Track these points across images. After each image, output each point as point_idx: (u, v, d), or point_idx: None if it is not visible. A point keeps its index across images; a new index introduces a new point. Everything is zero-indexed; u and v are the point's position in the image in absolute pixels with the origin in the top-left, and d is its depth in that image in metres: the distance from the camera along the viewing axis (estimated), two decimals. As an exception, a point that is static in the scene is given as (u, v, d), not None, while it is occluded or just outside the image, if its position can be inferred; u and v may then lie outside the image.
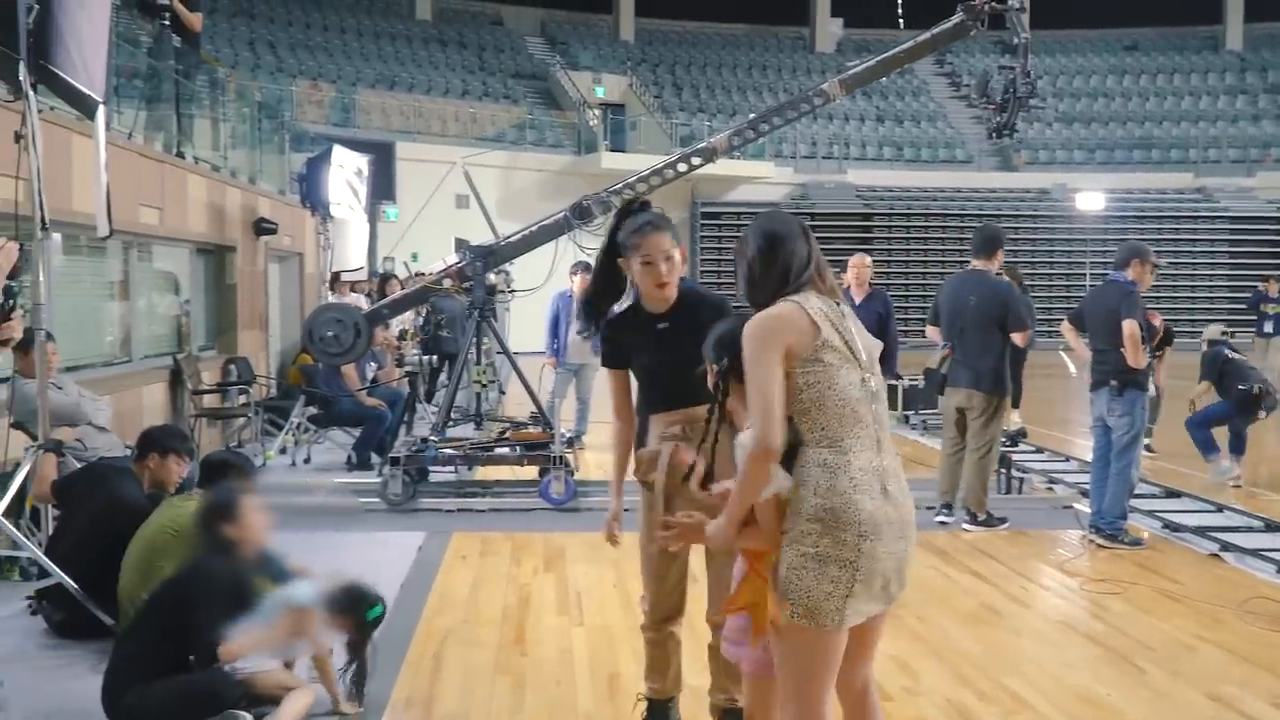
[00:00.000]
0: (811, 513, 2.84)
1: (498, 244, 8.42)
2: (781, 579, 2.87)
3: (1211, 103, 33.34)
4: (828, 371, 2.90)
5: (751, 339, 2.90)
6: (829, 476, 2.85)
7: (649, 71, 32.15)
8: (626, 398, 3.84)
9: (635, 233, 3.64)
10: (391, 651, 5.07)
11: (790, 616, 2.86)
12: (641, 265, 3.62)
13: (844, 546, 2.82)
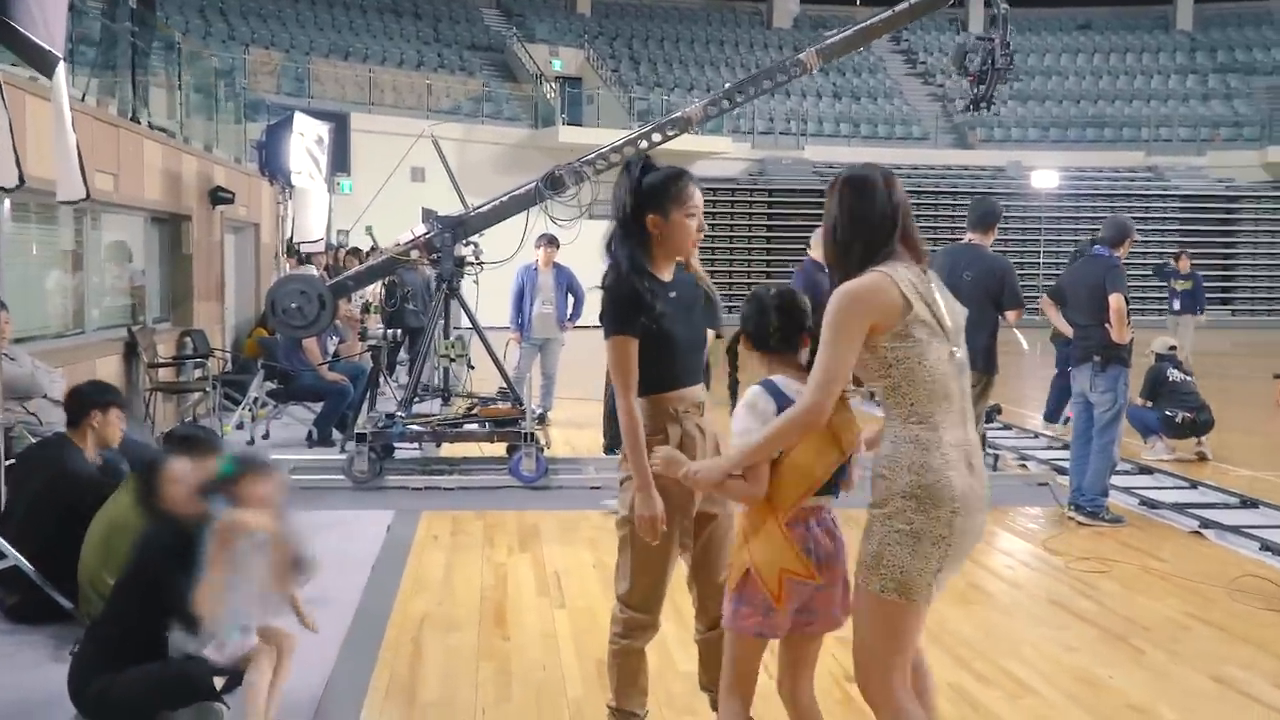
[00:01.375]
0: (906, 489, 2.83)
1: (467, 215, 8.17)
2: (873, 554, 2.87)
3: (1163, 82, 33.60)
4: (918, 347, 2.85)
5: (838, 309, 2.84)
6: (922, 453, 2.84)
7: (606, 45, 31.82)
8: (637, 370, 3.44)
9: (676, 182, 3.40)
10: (368, 637, 4.88)
11: (881, 590, 2.86)
12: (687, 217, 3.40)
13: (938, 523, 2.82)
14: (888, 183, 2.98)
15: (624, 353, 3.36)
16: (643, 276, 3.38)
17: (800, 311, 3.13)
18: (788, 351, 3.12)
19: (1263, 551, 6.41)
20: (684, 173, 3.45)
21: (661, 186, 3.39)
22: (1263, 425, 11.40)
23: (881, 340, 2.85)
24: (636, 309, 3.34)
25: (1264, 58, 33.86)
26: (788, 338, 3.11)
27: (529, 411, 7.99)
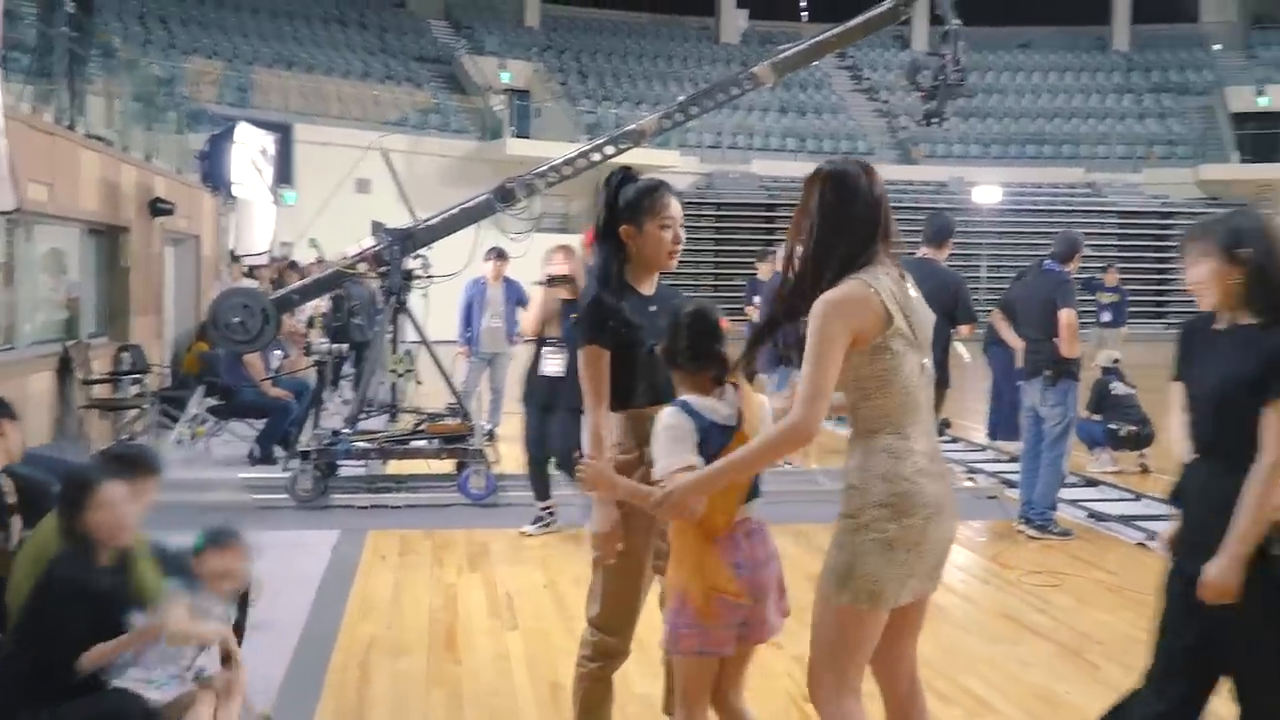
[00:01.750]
0: (881, 499, 2.80)
1: (416, 227, 8.04)
2: (845, 564, 2.82)
3: (1100, 101, 34.13)
4: (895, 359, 2.81)
5: (822, 319, 2.77)
6: (895, 462, 2.81)
7: (555, 58, 31.73)
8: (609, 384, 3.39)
9: (650, 194, 3.35)
10: (313, 662, 4.74)
11: (853, 601, 2.82)
12: (660, 229, 3.35)
13: (912, 530, 2.80)
14: (869, 177, 2.90)
15: (591, 363, 3.33)
16: (617, 288, 3.35)
17: (710, 330, 3.07)
18: (697, 370, 3.06)
19: None
20: (660, 184, 3.39)
21: (635, 198, 3.35)
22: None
23: (861, 350, 2.79)
24: (604, 319, 3.30)
25: (1196, 78, 34.51)
26: (697, 356, 3.05)
27: (478, 428, 7.87)
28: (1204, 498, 3.05)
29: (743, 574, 3.00)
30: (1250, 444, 2.90)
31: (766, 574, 3.06)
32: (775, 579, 3.10)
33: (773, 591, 3.08)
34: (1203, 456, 3.09)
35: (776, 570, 3.11)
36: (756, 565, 3.03)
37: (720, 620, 3.02)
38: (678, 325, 3.09)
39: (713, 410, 3.02)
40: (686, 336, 3.07)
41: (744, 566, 3.00)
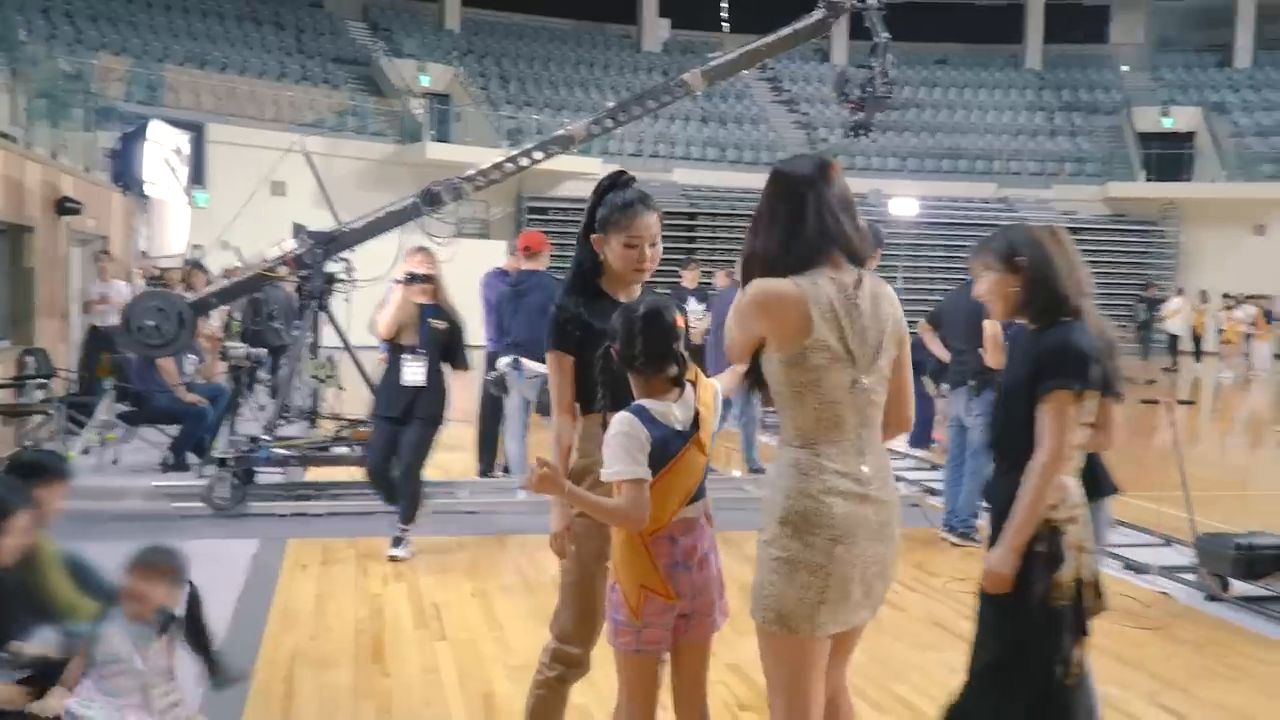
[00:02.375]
0: (783, 514, 2.71)
1: (339, 230, 7.88)
2: (757, 582, 2.77)
3: (1013, 118, 34.86)
4: (813, 373, 2.70)
5: (743, 303, 2.79)
6: (801, 479, 2.71)
7: (475, 62, 31.51)
8: (574, 389, 3.33)
9: (622, 209, 3.29)
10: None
11: (763, 621, 2.74)
12: (624, 248, 3.29)
13: (814, 550, 2.67)
14: (824, 177, 2.81)
15: (555, 368, 3.32)
16: (585, 293, 3.33)
17: (665, 330, 2.97)
18: (652, 372, 2.98)
19: (1126, 570, 6.56)
20: (636, 201, 3.31)
21: (609, 209, 3.31)
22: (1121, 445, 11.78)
23: (775, 358, 2.73)
24: (565, 324, 3.28)
25: (1104, 98, 35.43)
26: (651, 357, 2.96)
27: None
28: (998, 495, 3.26)
29: (678, 572, 2.97)
30: (1030, 442, 3.11)
31: (706, 573, 3.03)
32: (716, 577, 3.07)
33: (714, 589, 3.06)
34: (999, 456, 3.33)
35: (717, 568, 3.08)
36: (695, 564, 2.99)
37: (654, 619, 2.98)
38: (631, 326, 3.00)
39: (667, 416, 2.96)
40: (640, 337, 2.98)
41: (680, 565, 2.97)
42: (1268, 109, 33.57)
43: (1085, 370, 3.15)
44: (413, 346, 6.45)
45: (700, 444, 2.97)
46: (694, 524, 3.03)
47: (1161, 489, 7.97)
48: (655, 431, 2.95)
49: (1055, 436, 3.09)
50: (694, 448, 2.96)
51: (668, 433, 2.94)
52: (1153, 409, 8.79)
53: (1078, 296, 3.28)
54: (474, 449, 9.01)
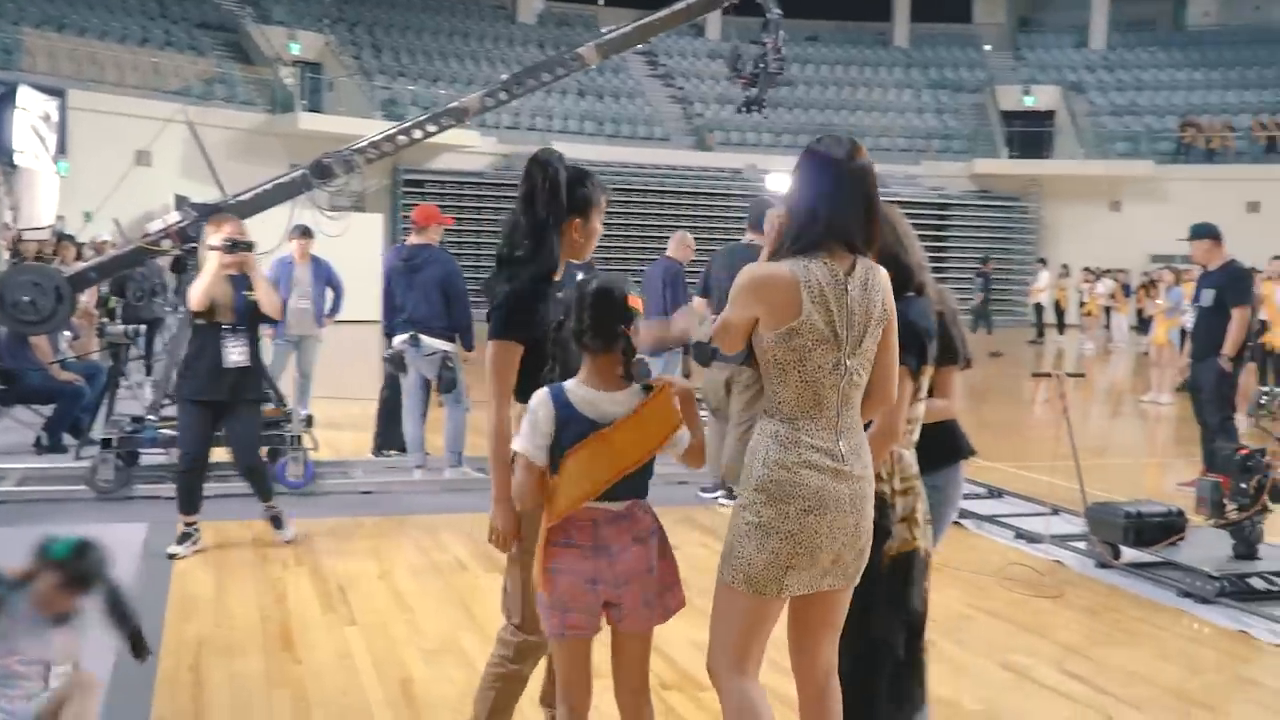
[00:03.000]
0: (758, 482, 2.84)
1: (224, 202, 7.60)
2: (728, 543, 2.91)
3: (883, 95, 35.54)
4: (799, 352, 2.82)
5: (739, 285, 2.88)
6: (779, 450, 2.83)
7: (347, 31, 30.71)
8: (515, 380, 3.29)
9: (597, 189, 3.39)
10: (138, 669, 4.38)
11: (731, 581, 2.88)
12: (600, 223, 3.42)
13: (786, 519, 2.81)
14: (851, 157, 2.90)
15: (507, 359, 3.23)
16: (548, 282, 3.27)
17: (616, 306, 2.95)
18: (599, 349, 2.95)
19: (1018, 540, 6.77)
20: (595, 175, 3.41)
21: (589, 192, 3.33)
22: (1007, 418, 12.16)
23: (766, 335, 2.84)
24: (532, 316, 3.22)
25: (969, 76, 36.37)
26: (600, 334, 2.93)
27: (295, 413, 7.53)
28: None
29: (592, 559, 2.95)
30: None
31: (632, 565, 2.99)
32: (649, 570, 3.03)
33: (640, 581, 3.01)
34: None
35: (644, 560, 3.03)
36: (616, 552, 2.97)
37: (574, 603, 2.98)
38: (582, 299, 2.97)
39: (589, 404, 2.93)
40: (589, 311, 2.95)
41: (599, 550, 2.95)
42: (1121, 89, 34.93)
43: (922, 348, 3.28)
44: (232, 324, 5.96)
45: (606, 440, 2.92)
46: (622, 514, 3.00)
47: (1044, 459, 8.27)
48: (563, 414, 2.94)
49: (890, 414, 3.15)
50: (598, 443, 2.92)
51: (573, 416, 2.93)
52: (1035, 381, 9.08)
53: (920, 271, 3.41)
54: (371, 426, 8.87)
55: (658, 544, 3.08)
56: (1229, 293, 8.07)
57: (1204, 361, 8.17)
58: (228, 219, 6.25)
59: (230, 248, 5.92)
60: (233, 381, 5.97)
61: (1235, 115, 32.44)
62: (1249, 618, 5.28)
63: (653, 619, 3.08)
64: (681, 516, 7.08)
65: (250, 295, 6.01)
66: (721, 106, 33.01)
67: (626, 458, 2.95)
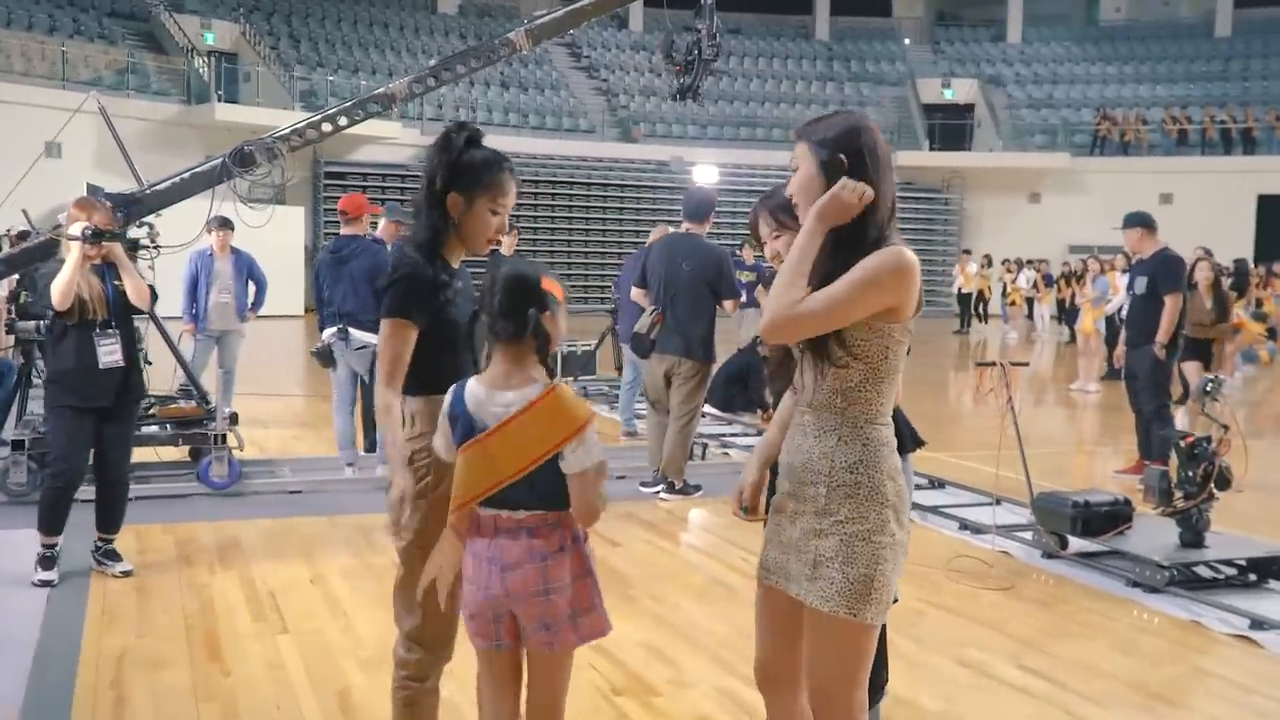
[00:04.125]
0: (891, 499, 2.56)
1: (141, 192, 7.25)
2: (862, 578, 2.52)
3: (806, 87, 35.70)
4: (902, 347, 2.59)
5: (887, 268, 2.45)
6: (894, 457, 2.61)
7: (263, 21, 30.01)
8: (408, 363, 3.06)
9: (489, 170, 3.02)
10: (54, 682, 4.13)
11: (877, 616, 2.58)
12: (489, 214, 3.03)
13: (905, 529, 2.60)
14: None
15: (400, 339, 2.98)
16: (431, 259, 3.02)
17: (527, 289, 2.73)
18: (508, 336, 2.73)
19: (962, 531, 6.72)
20: (504, 161, 3.07)
21: (474, 168, 3.01)
22: (940, 408, 12.17)
23: (892, 329, 2.52)
24: (429, 294, 2.98)
25: (890, 70, 36.69)
26: (509, 317, 2.72)
27: (219, 410, 7.22)
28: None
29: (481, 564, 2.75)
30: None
31: (514, 580, 2.72)
32: (532, 591, 2.72)
33: (532, 602, 2.72)
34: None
35: (537, 581, 2.72)
36: (505, 565, 2.73)
37: (473, 609, 2.80)
38: (492, 284, 2.76)
39: (476, 402, 2.74)
40: (499, 295, 2.74)
41: (483, 557, 2.75)
42: (1037, 82, 35.50)
43: None
44: (106, 320, 5.35)
45: (481, 446, 2.71)
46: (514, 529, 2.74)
47: (981, 449, 8.24)
48: (453, 410, 2.78)
49: None
50: (475, 447, 2.72)
51: (463, 418, 2.76)
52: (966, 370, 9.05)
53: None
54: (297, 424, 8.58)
55: (570, 564, 2.75)
56: (1162, 280, 8.12)
57: (1139, 349, 8.23)
58: (91, 204, 5.56)
59: (93, 237, 5.30)
60: (112, 384, 5.36)
61: (1148, 109, 33.11)
62: (1199, 607, 5.26)
63: (554, 643, 2.77)
64: (623, 513, 6.93)
65: (121, 285, 5.49)
66: (646, 99, 32.92)
67: (502, 468, 2.69)
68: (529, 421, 2.69)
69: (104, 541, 5.57)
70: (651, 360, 7.29)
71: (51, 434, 5.51)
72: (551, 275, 2.83)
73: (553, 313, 2.77)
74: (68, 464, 5.37)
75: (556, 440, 2.69)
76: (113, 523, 5.58)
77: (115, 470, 5.55)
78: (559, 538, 2.75)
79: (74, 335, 5.29)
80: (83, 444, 5.40)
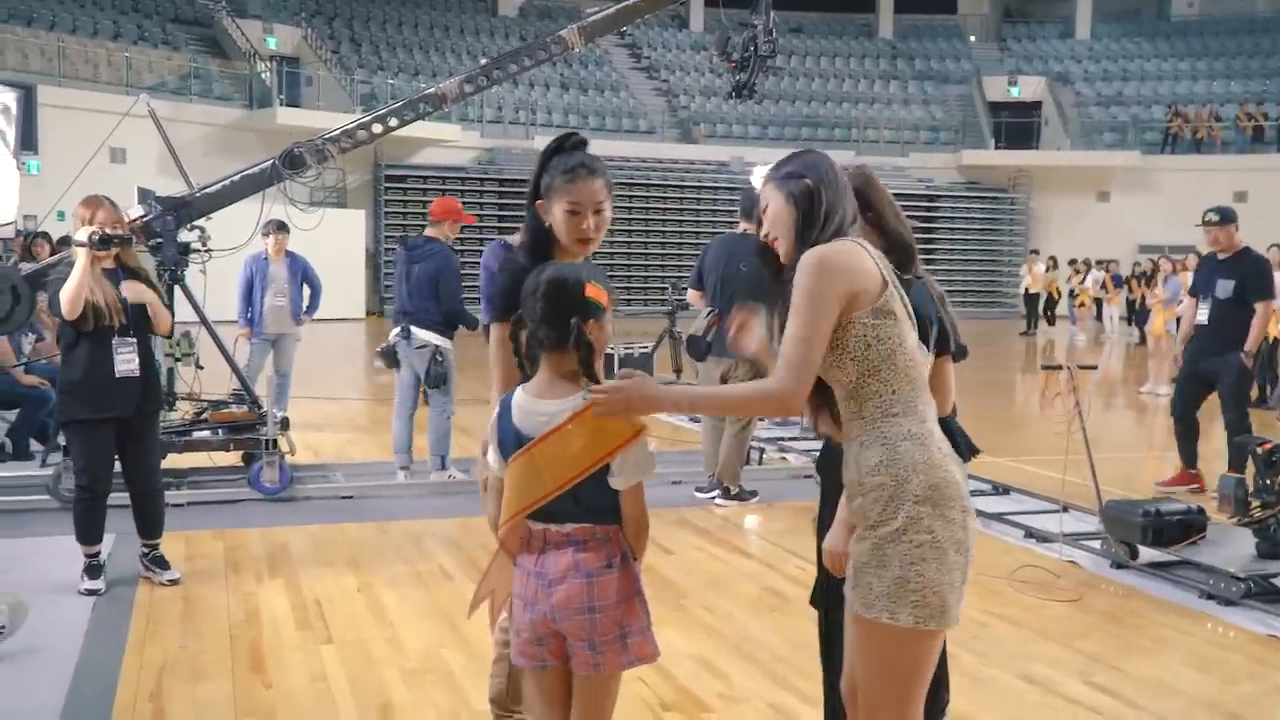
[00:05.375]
0: (919, 493, 2.43)
1: (192, 195, 7.26)
2: (895, 580, 2.43)
3: (869, 86, 35.29)
4: (900, 326, 2.50)
5: (814, 273, 2.44)
6: (922, 449, 2.46)
7: (325, 25, 30.29)
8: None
9: (565, 174, 3.05)
10: (94, 695, 4.07)
11: (915, 622, 2.41)
12: (566, 214, 3.04)
13: (954, 526, 2.45)
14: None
15: (498, 342, 3.09)
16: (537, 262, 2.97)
17: (569, 296, 2.60)
18: (553, 345, 2.61)
19: (1028, 539, 6.48)
20: (579, 165, 3.05)
21: (550, 173, 3.07)
22: (1005, 411, 11.89)
23: (861, 316, 2.46)
24: (514, 295, 2.89)
25: (955, 68, 36.15)
26: (552, 326, 2.60)
27: (270, 415, 7.19)
28: (828, 471, 3.24)
29: (533, 583, 2.64)
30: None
31: (560, 595, 2.60)
32: (578, 607, 2.60)
33: (579, 619, 2.60)
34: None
35: (582, 598, 2.60)
36: (550, 580, 2.62)
37: (520, 627, 2.69)
38: (535, 287, 2.63)
39: (522, 411, 2.64)
40: (542, 302, 2.62)
41: (530, 572, 2.65)
42: (1107, 79, 34.76)
43: (925, 335, 2.92)
44: (124, 326, 5.15)
45: (530, 456, 2.60)
46: (561, 543, 2.63)
47: (1046, 453, 7.97)
48: (500, 421, 2.68)
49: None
50: (524, 457, 2.61)
51: (508, 428, 2.67)
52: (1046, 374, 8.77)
53: (915, 252, 3.15)
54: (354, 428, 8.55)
55: (618, 582, 2.63)
56: (1252, 285, 7.55)
57: (1222, 356, 7.60)
58: (96, 202, 5.26)
59: (101, 243, 5.06)
60: (135, 393, 5.18)
61: (1221, 105, 32.29)
62: (1277, 620, 5.00)
63: (600, 664, 2.64)
64: (676, 519, 6.79)
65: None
66: (706, 99, 32.74)
67: (547, 481, 2.58)
68: (574, 432, 2.57)
69: (149, 547, 5.52)
70: (708, 363, 7.14)
71: (71, 447, 5.40)
72: (598, 279, 2.69)
73: (597, 321, 2.64)
74: (91, 476, 5.25)
75: (603, 453, 2.57)
76: (153, 528, 5.50)
77: (144, 481, 5.44)
78: (606, 553, 2.64)
79: (87, 344, 5.12)
80: (105, 453, 5.27)
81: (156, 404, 5.58)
